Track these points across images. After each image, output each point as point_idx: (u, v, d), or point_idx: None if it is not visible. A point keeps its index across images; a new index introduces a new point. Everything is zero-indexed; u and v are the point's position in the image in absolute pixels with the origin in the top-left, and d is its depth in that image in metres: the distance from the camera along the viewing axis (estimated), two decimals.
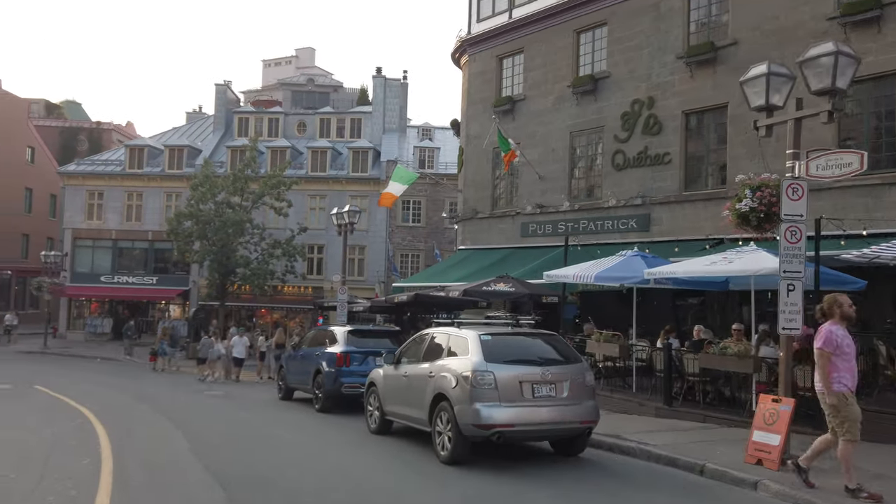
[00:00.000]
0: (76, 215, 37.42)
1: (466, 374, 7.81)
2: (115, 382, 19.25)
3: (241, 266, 30.39)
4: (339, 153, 37.06)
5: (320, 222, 35.57)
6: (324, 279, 35.38)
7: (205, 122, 42.43)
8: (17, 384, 17.35)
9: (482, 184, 22.13)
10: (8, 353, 28.53)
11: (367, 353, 12.99)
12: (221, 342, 22.43)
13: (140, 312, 37.31)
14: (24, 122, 46.04)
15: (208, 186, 30.25)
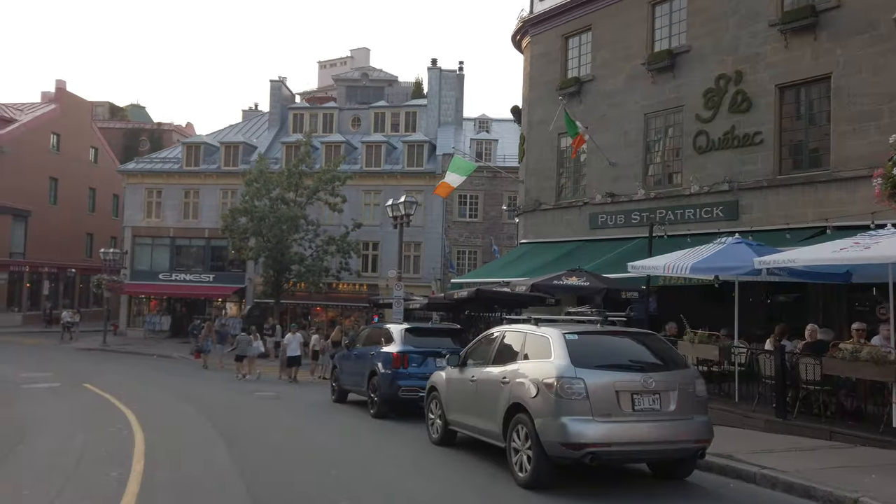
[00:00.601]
0: (136, 213, 37.68)
1: (550, 381, 6.47)
2: (166, 381, 18.68)
3: (296, 263, 29.74)
4: (393, 147, 36.12)
5: (375, 218, 34.71)
6: (378, 276, 34.48)
7: (260, 120, 42.22)
8: (68, 382, 16.92)
9: (546, 173, 20.66)
10: (67, 350, 28.65)
11: (427, 354, 11.79)
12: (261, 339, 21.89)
13: (197, 310, 37.24)
14: (87, 123, 46.97)
15: (263, 182, 29.73)
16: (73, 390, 15.40)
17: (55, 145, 43.12)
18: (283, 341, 20.54)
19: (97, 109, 64.56)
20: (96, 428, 10.35)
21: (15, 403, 13.06)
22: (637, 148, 17.89)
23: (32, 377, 17.57)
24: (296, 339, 20.72)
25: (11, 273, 39.41)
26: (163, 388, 16.85)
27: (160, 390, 16.23)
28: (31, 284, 41.70)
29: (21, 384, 16.12)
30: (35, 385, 16.01)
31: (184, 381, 18.97)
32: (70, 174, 43.78)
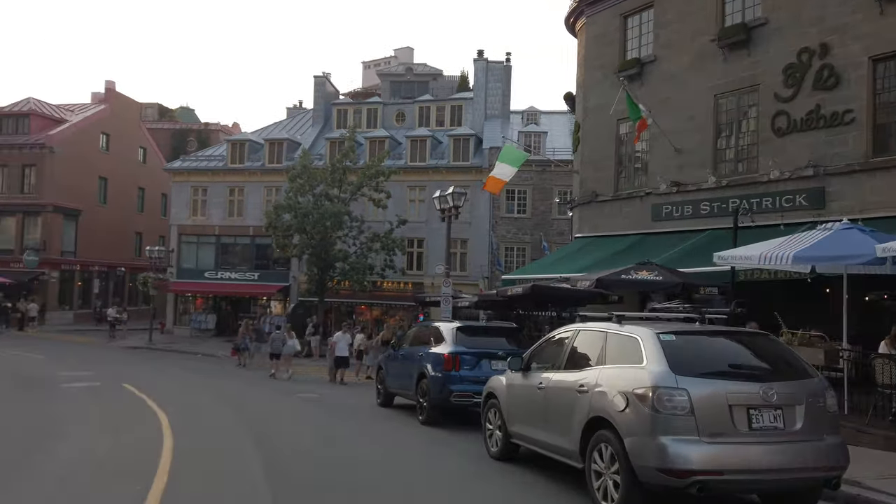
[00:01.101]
0: (182, 212, 37.64)
1: (643, 392, 5.29)
2: (206, 381, 18.05)
3: (340, 260, 29.01)
4: (438, 142, 35.11)
5: (420, 215, 33.77)
6: (424, 274, 33.52)
7: (304, 116, 41.80)
8: (107, 381, 16.40)
9: (603, 162, 19.31)
10: (113, 348, 28.53)
11: (481, 355, 10.69)
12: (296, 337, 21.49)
13: (242, 308, 36.97)
14: (136, 123, 47.39)
15: (306, 178, 29.10)
16: (110, 390, 14.83)
17: (104, 145, 43.56)
18: (332, 340, 19.63)
19: (147, 111, 65.56)
20: (125, 432, 9.60)
21: (49, 403, 12.49)
22: (706, 132, 16.42)
23: (74, 376, 17.16)
24: (344, 338, 19.77)
25: (63, 271, 39.89)
26: (202, 388, 16.19)
27: (199, 391, 15.55)
28: (82, 283, 42.18)
29: (61, 383, 15.66)
30: (74, 384, 15.52)
31: (224, 382, 18.31)
32: (119, 174, 44.17)
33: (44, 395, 13.66)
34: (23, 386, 15.02)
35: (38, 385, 15.18)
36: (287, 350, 20.38)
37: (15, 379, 16.13)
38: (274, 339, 20.91)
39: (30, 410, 11.70)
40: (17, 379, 16.17)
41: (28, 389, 14.46)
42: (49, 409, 11.73)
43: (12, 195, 39.19)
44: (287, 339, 20.64)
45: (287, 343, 20.51)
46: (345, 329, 20.75)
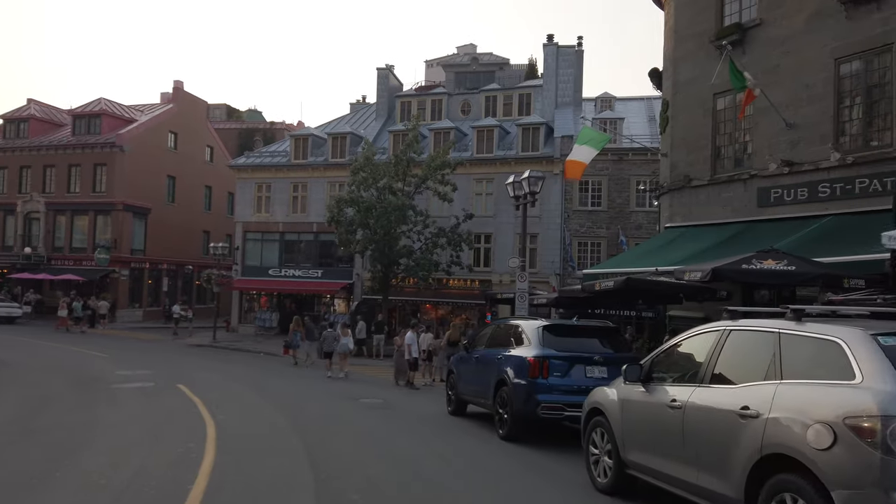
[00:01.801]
0: (246, 209, 37.29)
1: (864, 423, 3.53)
2: (264, 382, 16.95)
3: (404, 256, 27.74)
4: (506, 132, 33.41)
5: (487, 208, 32.18)
6: (492, 271, 31.89)
7: (367, 111, 40.88)
8: (162, 381, 15.51)
9: (698, 142, 17.17)
10: (177, 346, 28.12)
11: (574, 360, 9.00)
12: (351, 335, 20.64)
13: (306, 306, 36.28)
14: (203, 122, 47.66)
15: (369, 171, 27.97)
16: (162, 392, 13.86)
17: (172, 144, 43.88)
18: (401, 340, 18.22)
19: (214, 112, 66.47)
20: (163, 443, 8.40)
21: (93, 407, 11.53)
22: (825, 103, 14.13)
23: (129, 375, 16.40)
24: (414, 339, 18.32)
25: (132, 269, 40.29)
26: (259, 390, 15.05)
27: (255, 393, 14.41)
28: (152, 281, 42.56)
29: (113, 383, 14.85)
30: (126, 385, 14.67)
31: (283, 383, 17.19)
32: (187, 172, 44.44)
33: (91, 396, 12.77)
34: (74, 386, 14.25)
35: (89, 386, 14.39)
36: (341, 348, 19.43)
37: (69, 379, 15.44)
38: (325, 337, 20.03)
39: (69, 415, 10.73)
40: (72, 379, 15.48)
41: (78, 390, 13.65)
42: (91, 415, 10.74)
43: (85, 194, 39.84)
44: (341, 337, 19.71)
45: (341, 341, 19.58)
46: (414, 328, 19.24)
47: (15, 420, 10.09)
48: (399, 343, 18.22)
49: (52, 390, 13.52)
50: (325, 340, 19.88)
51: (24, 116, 42.74)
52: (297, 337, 23.06)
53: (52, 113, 44.68)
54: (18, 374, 16.09)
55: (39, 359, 19.49)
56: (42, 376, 15.76)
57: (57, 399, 12.30)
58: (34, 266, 39.17)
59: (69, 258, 39.59)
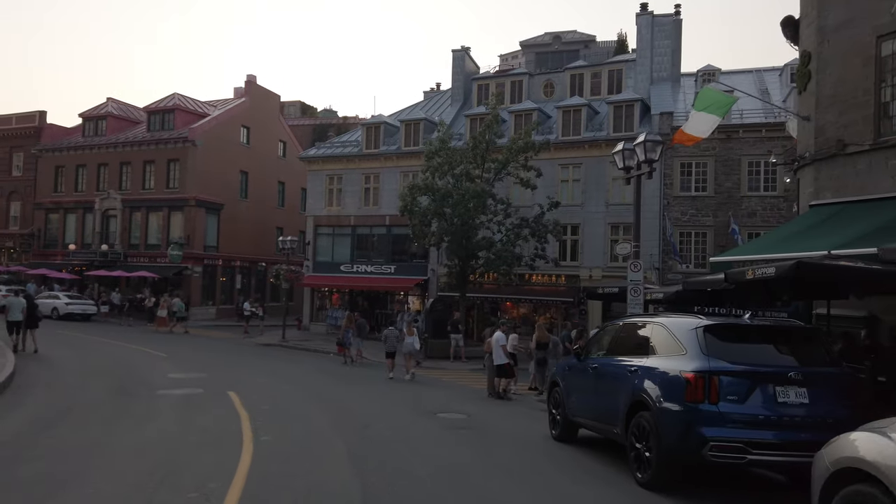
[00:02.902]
0: (317, 202, 35.67)
1: None
2: (327, 389, 14.75)
3: (484, 249, 25.14)
4: (595, 112, 30.24)
5: (573, 196, 29.13)
6: (579, 265, 28.82)
7: (442, 97, 38.55)
8: (213, 387, 13.55)
9: (854, 99, 13.70)
10: (244, 345, 26.57)
11: (757, 377, 6.11)
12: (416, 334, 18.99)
13: (378, 304, 34.28)
14: (276, 116, 46.65)
15: (445, 156, 25.53)
16: (209, 401, 11.83)
17: (245, 139, 42.97)
18: (492, 341, 15.54)
19: (289, 109, 66.05)
20: (173, 484, 6.12)
21: (116, 422, 9.54)
22: None
23: (180, 380, 14.55)
24: (496, 340, 15.53)
25: (205, 266, 39.49)
26: (318, 399, 12.83)
27: (312, 403, 12.17)
28: (225, 278, 41.75)
29: (158, 389, 12.98)
30: (174, 391, 12.76)
31: (346, 390, 14.93)
32: (259, 168, 43.47)
33: (122, 407, 10.84)
34: (112, 393, 12.43)
35: (129, 393, 12.55)
36: (406, 348, 18.15)
37: (112, 383, 13.71)
38: (387, 336, 18.66)
39: (79, 433, 8.75)
40: (115, 383, 13.75)
41: (113, 398, 11.80)
42: (104, 433, 8.71)
43: (159, 190, 39.36)
44: (406, 336, 18.40)
45: (406, 340, 18.28)
46: (503, 328, 16.43)
47: (12, 439, 8.14)
48: (489, 347, 15.56)
49: (84, 398, 11.72)
50: (388, 339, 18.49)
51: (102, 114, 42.86)
52: (349, 334, 21.77)
53: (128, 111, 44.72)
54: (60, 376, 14.51)
55: (94, 358, 18.07)
56: (84, 380, 14.11)
57: (80, 410, 10.42)
58: (111, 263, 38.99)
59: (144, 255, 39.20)
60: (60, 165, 42.81)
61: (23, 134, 44.31)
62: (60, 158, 42.76)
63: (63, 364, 16.43)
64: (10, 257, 43.88)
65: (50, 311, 32.72)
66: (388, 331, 19.29)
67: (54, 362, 16.63)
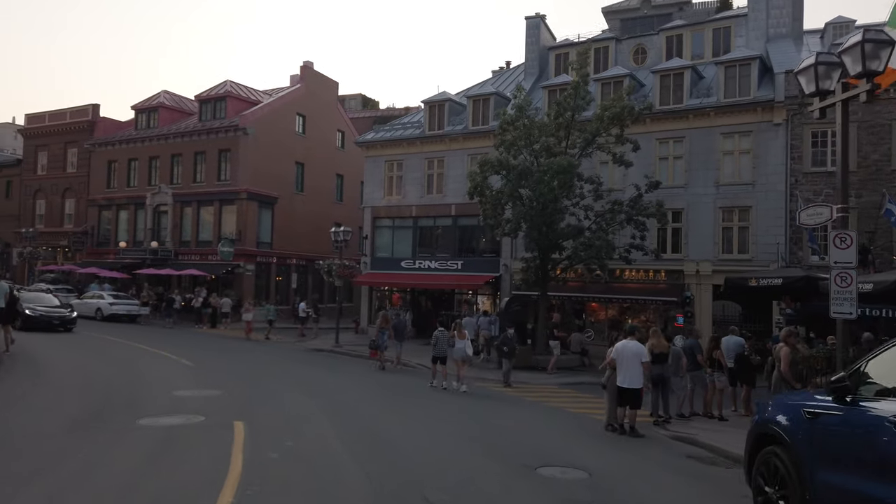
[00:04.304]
0: (375, 191, 32.14)
1: None
2: (366, 410, 10.86)
3: (570, 237, 20.86)
4: (699, 76, 25.45)
5: (675, 177, 24.45)
6: (683, 258, 24.08)
7: (513, 73, 34.39)
8: (221, 412, 9.94)
9: None
10: (291, 351, 23.14)
11: None
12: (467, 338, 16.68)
13: (443, 304, 30.40)
14: (333, 104, 43.56)
15: (522, 128, 21.41)
16: (200, 439, 8.19)
17: (301, 128, 40.01)
18: (612, 354, 11.18)
19: (350, 102, 63.12)
20: None
21: (54, 471, 5.87)
22: None
23: (184, 399, 11.02)
24: (632, 352, 11.02)
25: (259, 264, 36.61)
26: (354, 430, 8.94)
27: (344, 443, 8.26)
28: (280, 277, 38.81)
29: (146, 415, 9.46)
30: (161, 420, 9.21)
31: (394, 411, 11.02)
32: (316, 159, 40.42)
33: (78, 446, 7.37)
34: (85, 419, 9.06)
35: (106, 418, 9.16)
36: (457, 354, 15.96)
37: (95, 404, 10.36)
38: (437, 339, 16.41)
39: None
40: (98, 404, 10.38)
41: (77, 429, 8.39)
42: None
43: (210, 184, 36.79)
44: (457, 340, 16.29)
45: (456, 345, 16.16)
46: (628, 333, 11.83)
47: None
48: (611, 360, 11.24)
49: (35, 427, 8.33)
50: (437, 343, 16.34)
51: (154, 105, 40.81)
52: (383, 336, 19.36)
53: (181, 102, 42.57)
54: (35, 390, 11.30)
55: (98, 367, 14.85)
56: (60, 397, 10.77)
57: (4, 453, 6.86)
58: (161, 261, 36.67)
59: (195, 252, 36.69)
60: (113, 160, 41.00)
61: (77, 129, 42.87)
62: (113, 153, 40.96)
63: (52, 374, 13.25)
64: (64, 256, 42.42)
65: (94, 312, 30.48)
66: (437, 332, 16.61)
67: (45, 370, 13.51)
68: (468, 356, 16.33)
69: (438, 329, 16.98)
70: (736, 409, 13.54)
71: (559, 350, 20.45)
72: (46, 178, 44.04)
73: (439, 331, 16.76)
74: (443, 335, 16.48)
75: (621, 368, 10.87)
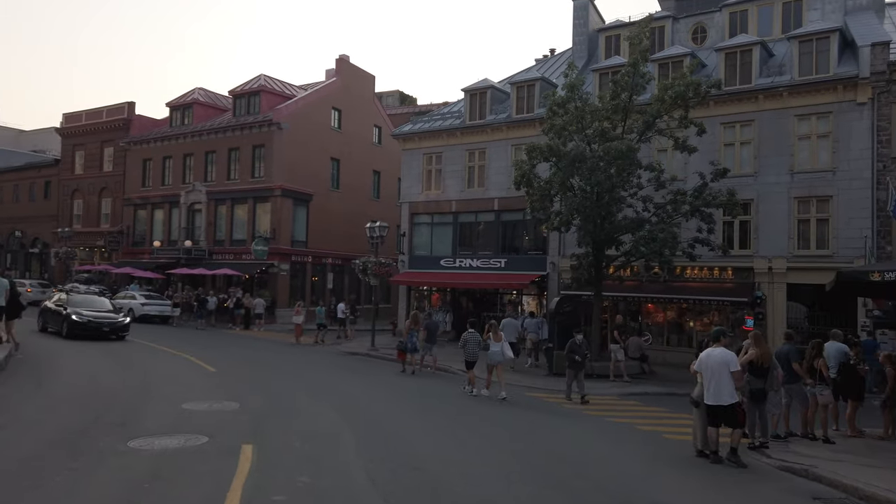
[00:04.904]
0: (413, 186, 30.50)
1: None
2: (400, 429, 9.12)
3: (628, 230, 18.81)
4: (769, 53, 23.07)
5: (744, 164, 22.16)
6: (753, 254, 21.76)
7: (559, 59, 32.36)
8: (230, 433, 8.32)
9: None
10: (322, 355, 21.62)
11: None
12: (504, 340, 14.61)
13: (485, 305, 28.55)
14: (370, 99, 42.13)
15: (574, 111, 19.47)
16: (196, 469, 6.62)
17: (336, 122, 38.65)
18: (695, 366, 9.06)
19: (387, 99, 61.74)
20: None
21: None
22: None
23: (190, 414, 9.48)
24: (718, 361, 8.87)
25: (293, 264, 35.32)
26: (392, 464, 7.18)
27: (375, 476, 6.51)
28: (317, 278, 37.50)
29: (140, 435, 7.94)
30: (157, 441, 7.69)
31: (439, 436, 9.23)
32: (352, 155, 39.02)
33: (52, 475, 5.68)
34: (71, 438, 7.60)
35: (94, 436, 7.75)
36: (493, 358, 14.21)
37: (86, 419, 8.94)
38: (467, 341, 14.95)
39: None
40: (90, 419, 8.92)
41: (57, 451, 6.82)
42: None
43: (244, 181, 35.69)
44: (491, 343, 14.43)
45: (491, 348, 14.34)
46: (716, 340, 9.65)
47: None
48: (695, 373, 9.26)
49: (7, 450, 6.72)
50: (467, 345, 14.90)
51: (189, 102, 39.99)
52: (412, 338, 17.91)
53: (216, 98, 41.69)
54: (30, 398, 9.91)
55: (109, 371, 13.48)
56: (52, 409, 9.39)
57: None
58: (195, 261, 35.71)
59: (229, 251, 35.62)
60: (147, 158, 40.32)
61: (113, 127, 42.38)
62: (147, 151, 40.29)
63: (56, 380, 11.90)
64: (101, 256, 41.96)
65: (125, 313, 29.51)
66: (467, 335, 15.15)
67: (50, 376, 12.19)
68: (508, 359, 14.61)
69: (468, 331, 15.45)
70: (838, 429, 11.40)
71: (622, 355, 18.41)
72: (83, 177, 43.72)
73: (469, 332, 15.25)
74: (472, 337, 15.04)
75: (707, 382, 8.89)
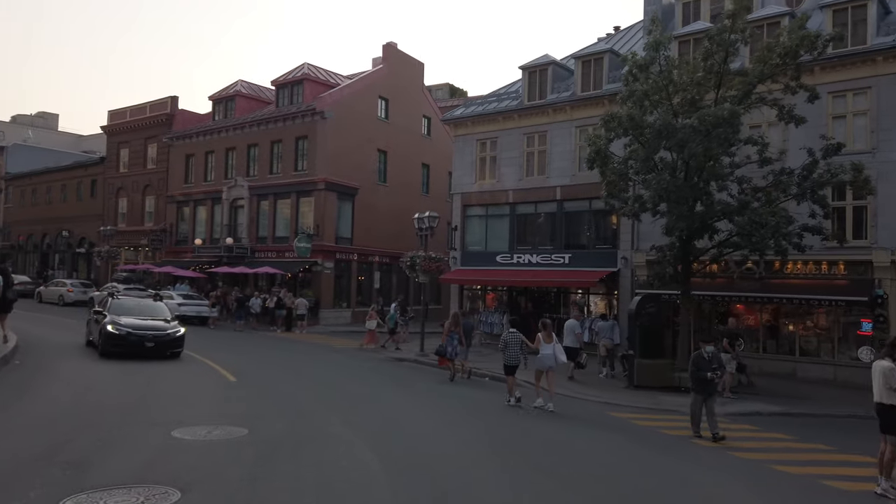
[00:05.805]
0: (466, 176, 27.86)
1: None
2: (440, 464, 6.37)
3: (729, 215, 15.63)
4: (886, 9, 19.55)
5: (857, 139, 18.70)
6: (872, 245, 18.28)
7: (626, 34, 29.20)
8: (220, 479, 5.79)
9: None
10: (371, 361, 18.98)
11: None
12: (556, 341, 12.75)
13: (546, 305, 25.61)
14: (419, 88, 39.67)
15: (658, 75, 16.48)
16: None
17: (383, 112, 36.36)
18: None
19: (436, 93, 59.25)
20: None
21: None
22: None
23: (182, 444, 7.17)
24: None
25: (338, 262, 33.13)
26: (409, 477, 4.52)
27: None
28: (364, 277, 35.25)
29: (89, 488, 5.48)
30: (109, 495, 5.14)
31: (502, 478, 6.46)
32: (400, 147, 36.63)
33: None
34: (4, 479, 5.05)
35: (26, 484, 5.11)
36: (544, 363, 12.41)
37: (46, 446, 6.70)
38: (506, 343, 12.97)
39: None
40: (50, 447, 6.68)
41: None
42: None
43: (287, 174, 33.73)
44: (542, 346, 12.51)
45: (542, 352, 12.50)
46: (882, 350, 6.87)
47: None
48: None
49: None
50: (508, 348, 12.93)
51: (231, 95, 38.40)
52: (453, 341, 15.89)
53: (258, 91, 40.01)
54: None
55: (106, 381, 11.27)
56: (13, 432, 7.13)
57: None
58: (237, 259, 33.95)
59: (272, 249, 33.71)
60: (190, 154, 38.91)
61: (156, 123, 41.20)
62: (190, 146, 38.86)
63: (39, 393, 9.82)
64: (145, 256, 40.79)
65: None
66: (507, 335, 13.11)
67: (34, 387, 10.09)
68: (560, 363, 12.68)
69: (508, 331, 13.12)
70: None
71: (733, 367, 15.30)
72: (127, 175, 42.73)
73: (509, 333, 13.00)
74: (513, 338, 12.96)
75: None
